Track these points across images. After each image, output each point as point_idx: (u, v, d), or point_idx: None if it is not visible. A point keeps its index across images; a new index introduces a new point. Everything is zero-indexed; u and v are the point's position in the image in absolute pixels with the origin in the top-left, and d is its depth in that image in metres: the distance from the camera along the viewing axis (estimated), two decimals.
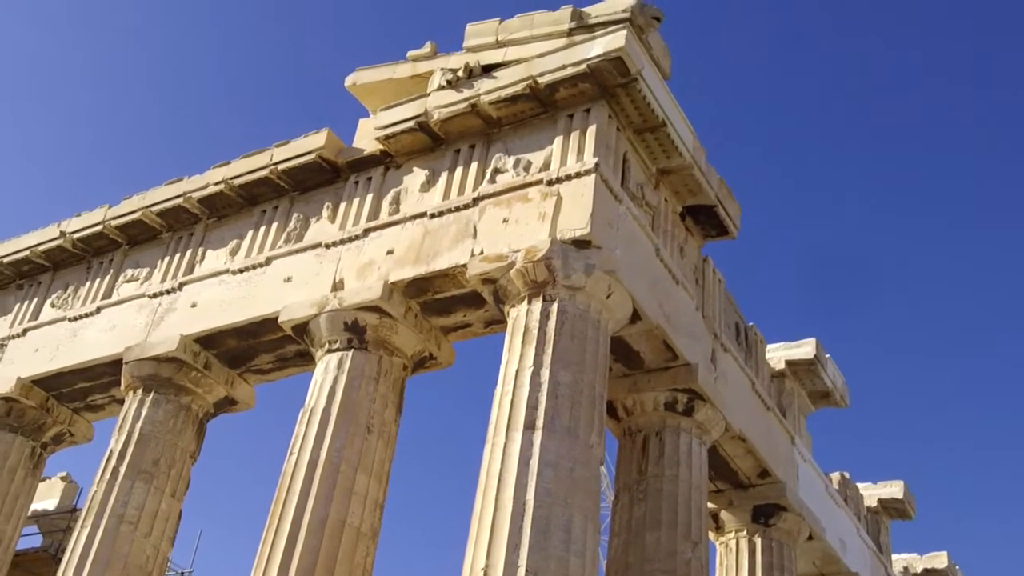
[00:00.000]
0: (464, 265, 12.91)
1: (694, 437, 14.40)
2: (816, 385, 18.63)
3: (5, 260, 18.02)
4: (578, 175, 12.75)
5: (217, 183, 15.83)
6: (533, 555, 10.44)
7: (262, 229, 15.58)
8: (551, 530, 10.65)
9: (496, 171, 13.60)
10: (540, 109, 13.62)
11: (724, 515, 16.96)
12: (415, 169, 14.47)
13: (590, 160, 12.75)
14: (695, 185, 14.48)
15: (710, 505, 16.00)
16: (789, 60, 63.27)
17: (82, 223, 17.24)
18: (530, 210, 12.86)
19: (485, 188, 13.45)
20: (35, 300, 17.77)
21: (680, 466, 14.05)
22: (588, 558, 10.80)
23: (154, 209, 16.46)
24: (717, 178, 14.87)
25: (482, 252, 12.84)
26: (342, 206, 14.84)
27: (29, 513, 17.81)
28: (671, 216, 14.60)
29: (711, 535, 16.84)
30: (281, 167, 15.25)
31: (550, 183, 12.89)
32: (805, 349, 18.23)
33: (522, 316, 12.23)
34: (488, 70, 13.86)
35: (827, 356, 18.71)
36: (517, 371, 11.74)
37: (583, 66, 12.91)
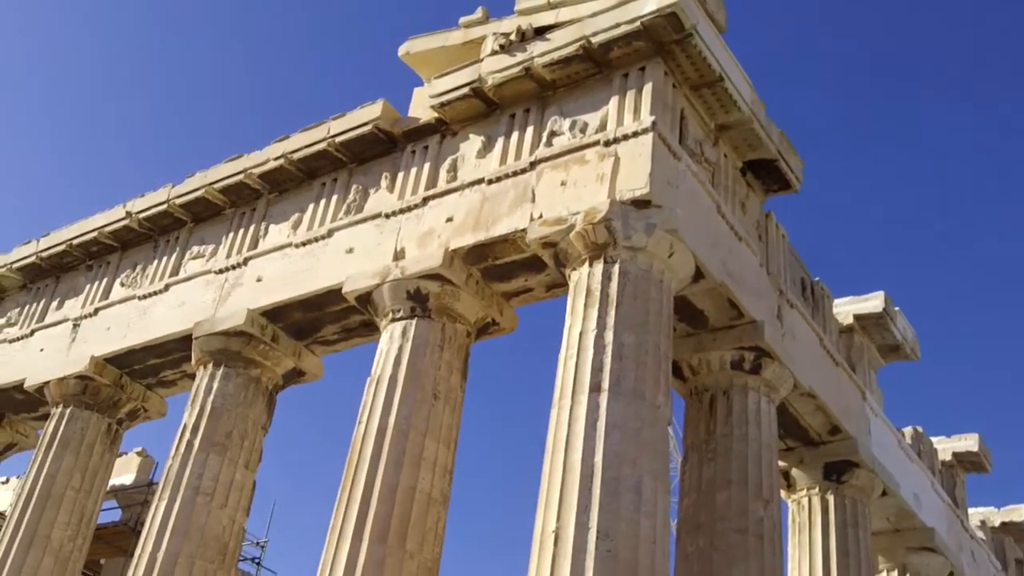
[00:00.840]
0: (523, 230, 12.89)
1: (762, 395, 14.28)
2: (886, 339, 18.36)
3: (74, 242, 18.36)
4: (635, 134, 12.64)
5: (277, 158, 15.95)
6: (603, 516, 10.46)
7: (322, 202, 15.70)
8: (621, 491, 10.65)
9: (552, 134, 13.53)
10: (594, 69, 13.50)
11: (795, 473, 16.83)
12: (471, 136, 14.45)
13: (647, 119, 12.62)
14: (755, 139, 14.27)
15: (780, 463, 15.91)
16: (850, 2, 61.97)
17: (147, 203, 17.50)
18: (588, 172, 12.78)
19: (542, 152, 13.39)
20: (105, 280, 18.10)
21: (749, 425, 13.95)
22: (659, 518, 10.79)
23: (216, 186, 16.65)
24: (777, 131, 14.64)
25: (541, 216, 12.81)
26: (400, 176, 14.89)
27: (108, 488, 18.23)
28: (731, 172, 14.43)
29: (782, 493, 16.74)
30: (339, 139, 15.32)
31: (607, 144, 12.80)
32: (873, 302, 17.97)
33: (584, 279, 12.19)
34: (540, 32, 13.76)
35: (896, 309, 18.43)
36: (580, 334, 11.72)
37: (637, 24, 12.75)
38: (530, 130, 13.75)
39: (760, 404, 14.20)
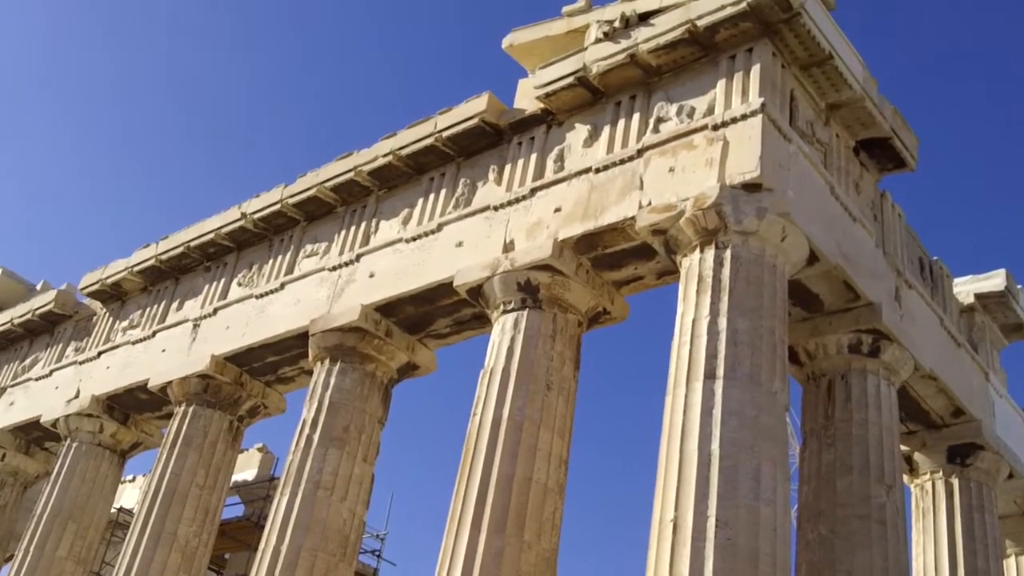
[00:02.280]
0: (632, 218, 12.83)
1: (882, 379, 13.95)
2: (1008, 318, 17.78)
3: (192, 244, 18.86)
4: (744, 117, 12.48)
5: (385, 155, 16.15)
6: (722, 504, 10.37)
7: (431, 196, 15.85)
8: (739, 479, 10.54)
9: (659, 120, 13.42)
10: (700, 53, 13.34)
11: (917, 457, 16.43)
12: (577, 125, 14.42)
13: (756, 101, 12.44)
14: (867, 118, 13.95)
15: (902, 447, 15.53)
16: None
17: (261, 203, 17.89)
18: (696, 157, 12.65)
19: (649, 138, 13.30)
20: (222, 280, 18.56)
21: (869, 409, 13.65)
22: (779, 505, 10.65)
23: (327, 184, 16.93)
24: (891, 108, 14.27)
25: (650, 203, 12.72)
26: (507, 168, 14.95)
27: (231, 484, 18.69)
28: (844, 152, 14.13)
29: (905, 478, 16.35)
30: (446, 134, 15.45)
31: (715, 128, 12.65)
32: (995, 281, 17.41)
33: (695, 265, 12.08)
34: (644, 18, 13.65)
35: (1019, 287, 17.83)
36: (694, 321, 11.62)
37: (743, 4, 12.56)
38: (636, 117, 13.66)
39: (880, 388, 13.89)
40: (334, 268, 16.50)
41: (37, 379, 21.24)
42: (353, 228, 16.78)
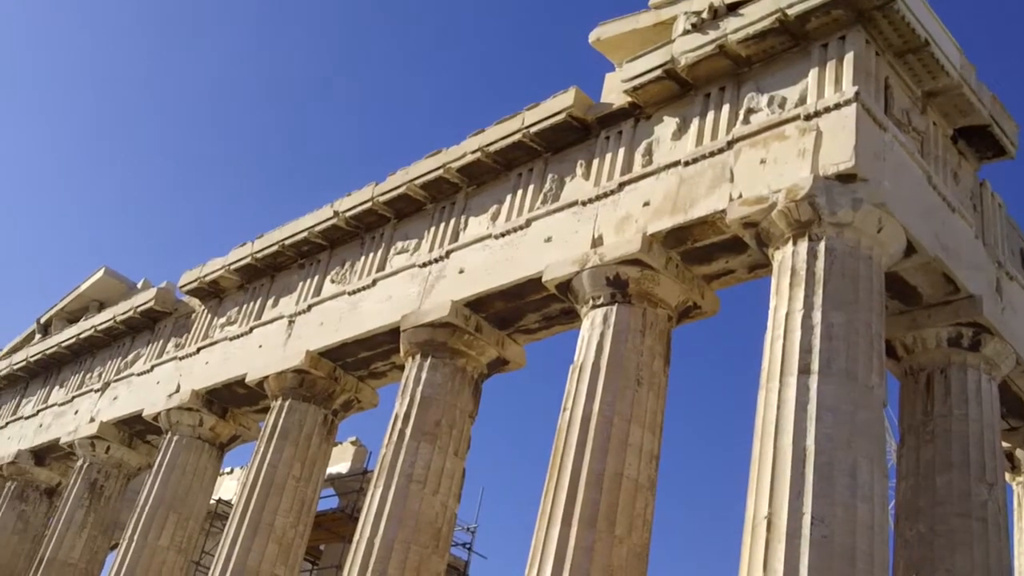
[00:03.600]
0: (723, 211, 12.69)
1: (982, 373, 13.60)
2: None
3: (287, 242, 19.19)
4: (837, 106, 12.24)
5: (473, 151, 16.23)
6: (818, 502, 10.21)
7: (519, 192, 15.88)
8: (835, 476, 10.37)
9: (749, 111, 13.24)
10: (791, 42, 13.13)
11: (1020, 454, 15.98)
12: (665, 118, 14.31)
13: (849, 90, 12.20)
14: (965, 105, 13.58)
15: (1004, 444, 15.10)
16: None
17: (353, 201, 18.12)
18: (788, 148, 12.46)
19: (739, 130, 13.13)
20: (316, 277, 18.86)
21: (969, 404, 13.32)
22: (876, 503, 10.45)
23: (417, 182, 17.08)
24: (989, 95, 13.87)
25: (741, 196, 12.57)
26: (595, 162, 14.90)
27: (325, 476, 18.99)
28: (941, 140, 13.77)
29: (1006, 476, 15.91)
30: (533, 130, 15.45)
31: (808, 118, 12.44)
32: None
33: (788, 258, 11.90)
34: (732, 8, 13.47)
35: None
36: (787, 315, 11.45)
37: None
38: (726, 108, 13.50)
39: (980, 382, 13.53)
40: (424, 264, 16.65)
41: (139, 374, 21.85)
42: (442, 225, 16.91)
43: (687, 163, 13.46)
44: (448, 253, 16.36)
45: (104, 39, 64.60)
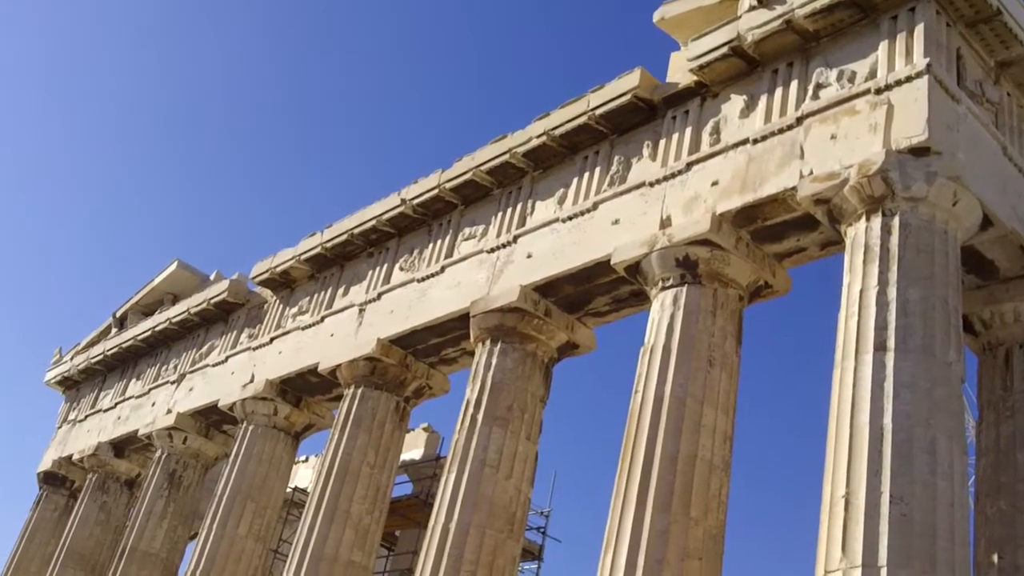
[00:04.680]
0: (793, 188, 12.55)
1: None
2: None
3: (355, 231, 19.35)
4: (909, 79, 12.04)
5: (539, 136, 16.22)
6: (896, 480, 10.09)
7: (585, 175, 15.84)
8: (913, 453, 10.23)
9: (818, 87, 13.06)
10: (859, 15, 12.91)
11: None
12: (732, 96, 14.17)
13: (920, 62, 11.98)
14: None
15: None
16: None
17: (420, 189, 18.21)
18: (859, 123, 12.27)
19: (808, 106, 12.96)
20: (385, 265, 19.00)
21: None
22: (956, 480, 10.29)
23: (483, 168, 17.11)
24: None
25: (811, 172, 12.43)
26: (662, 143, 14.81)
27: (399, 463, 19.15)
28: (1017, 111, 13.46)
29: None
30: (598, 112, 15.40)
31: (878, 91, 12.24)
32: None
33: (861, 234, 11.74)
34: None
35: None
36: (861, 291, 11.31)
37: None
38: (794, 84, 13.34)
39: None
40: (492, 250, 16.69)
41: (214, 365, 22.21)
42: (509, 210, 16.94)
43: (756, 141, 13.33)
44: (515, 238, 16.39)
45: (178, 32, 65.63)
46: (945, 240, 11.56)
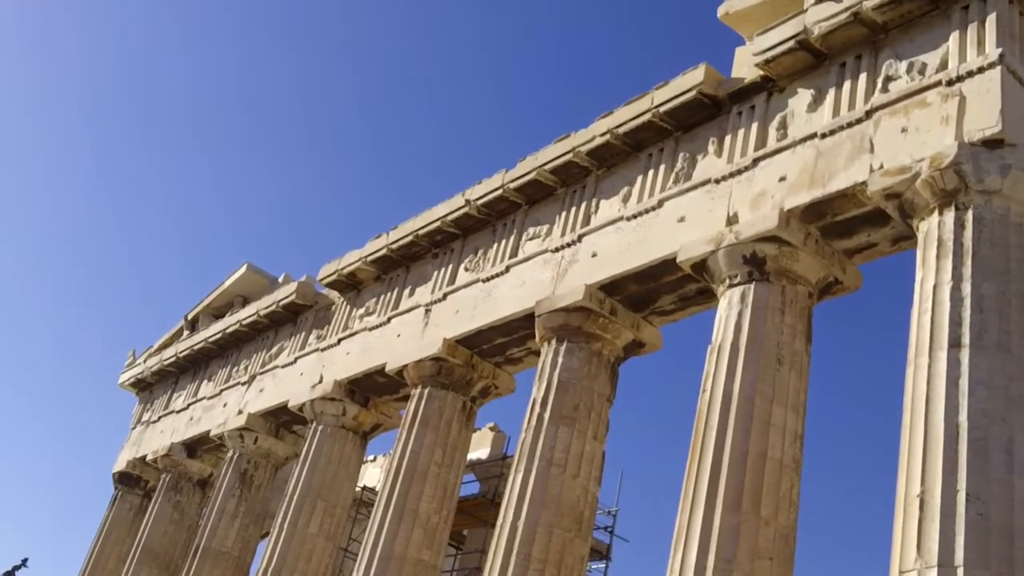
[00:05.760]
0: (863, 182, 12.35)
1: None
2: None
3: (420, 232, 19.45)
4: (981, 70, 11.79)
5: (602, 134, 16.17)
6: (972, 479, 9.88)
7: (650, 173, 15.76)
8: (990, 452, 10.01)
9: (888, 79, 12.85)
10: (929, 6, 12.67)
11: None
12: (799, 90, 14.00)
13: (993, 52, 11.72)
14: None
15: None
16: None
17: (484, 189, 18.25)
18: (930, 115, 12.05)
19: (878, 99, 12.76)
20: (450, 266, 19.07)
21: None
22: None
23: (547, 167, 17.10)
24: None
25: (881, 166, 12.22)
26: (727, 139, 14.68)
27: (466, 463, 19.21)
28: None
29: None
30: (663, 109, 15.31)
31: (950, 83, 12.01)
32: None
33: (934, 229, 11.52)
34: None
35: None
36: (935, 287, 11.09)
37: None
38: (863, 77, 13.13)
39: None
40: (557, 249, 16.67)
41: (283, 366, 22.47)
42: (573, 209, 16.90)
43: (824, 135, 13.15)
44: (580, 237, 16.35)
45: (251, 34, 66.57)
46: (1021, 234, 11.27)
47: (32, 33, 65.15)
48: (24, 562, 38.23)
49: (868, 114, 12.75)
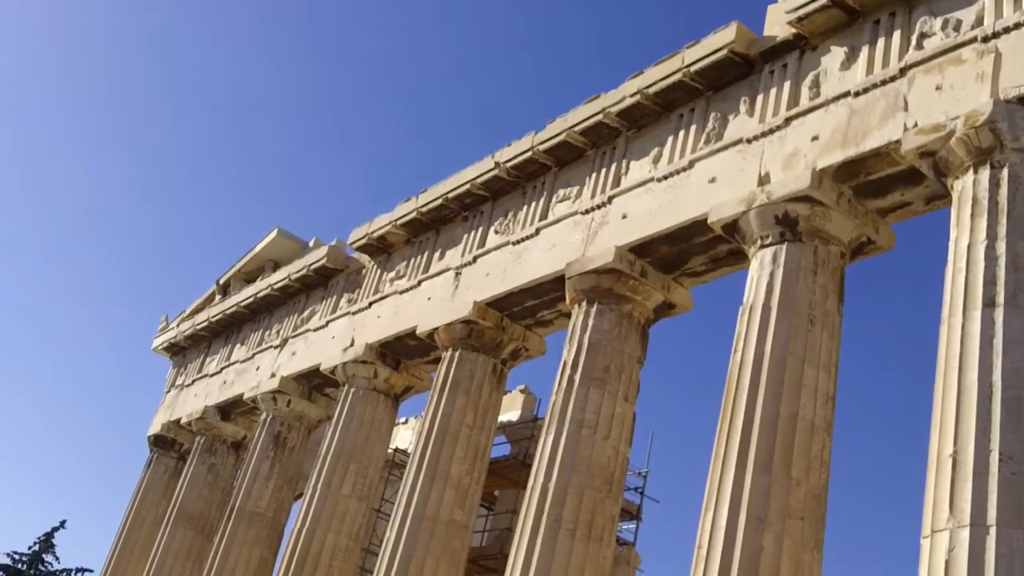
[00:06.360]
0: (897, 141, 12.23)
1: None
2: None
3: (450, 195, 19.45)
4: (1017, 26, 11.62)
5: (633, 95, 16.06)
6: (1006, 438, 9.83)
7: (681, 133, 15.66)
8: (1023, 411, 9.95)
9: (922, 36, 12.68)
10: None
11: None
12: (832, 48, 13.83)
13: None
14: None
15: None
16: None
17: (513, 151, 18.20)
18: (965, 72, 11.89)
19: (912, 56, 12.60)
20: (480, 228, 19.07)
21: None
22: None
23: (576, 129, 17.02)
24: None
25: (916, 124, 12.09)
26: (759, 98, 14.55)
27: (497, 425, 19.28)
28: None
29: None
30: (693, 68, 15.17)
31: (985, 40, 11.84)
32: None
33: (968, 187, 11.40)
34: None
35: None
36: (969, 246, 10.99)
37: None
38: (897, 35, 12.96)
39: None
40: (587, 211, 16.62)
41: (315, 330, 22.61)
42: (603, 170, 16.84)
43: (857, 93, 13.01)
44: (610, 199, 16.29)
45: (280, 2, 66.51)
46: None
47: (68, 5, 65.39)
48: (62, 524, 39.07)
49: (902, 72, 12.59)
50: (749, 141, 14.27)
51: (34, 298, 70.46)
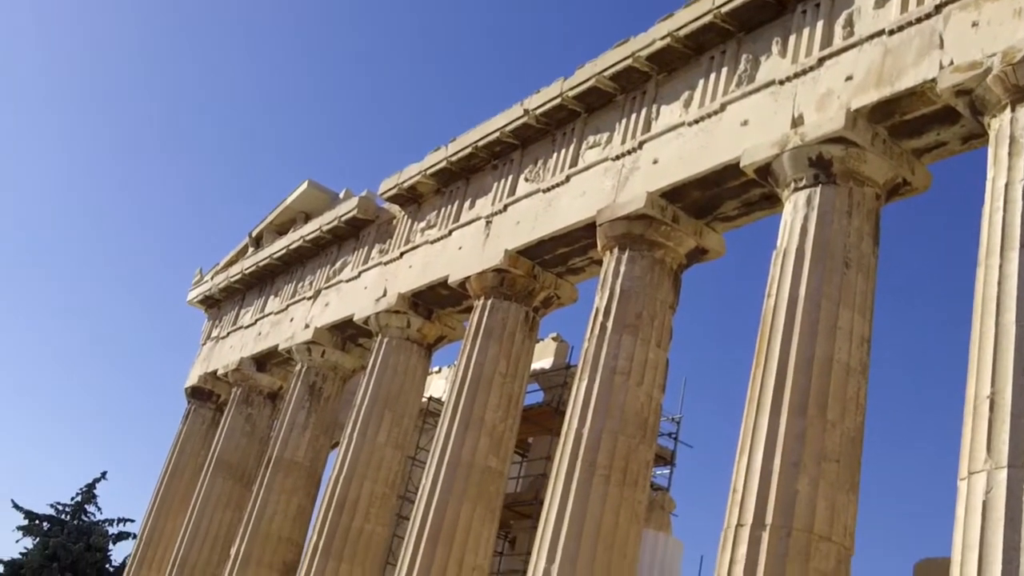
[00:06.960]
0: (933, 80, 12.02)
1: None
2: None
3: (479, 144, 19.36)
4: None
5: (663, 38, 15.86)
6: None
7: (712, 76, 15.46)
8: None
9: None
10: None
11: None
12: None
13: None
14: None
15: None
16: None
17: (542, 98, 18.05)
18: (1003, 8, 11.64)
19: None
20: (510, 177, 18.99)
21: None
22: None
23: (606, 74, 16.85)
24: None
25: (951, 63, 11.87)
26: (791, 39, 14.32)
27: (530, 372, 19.35)
28: None
29: None
30: (724, 9, 14.94)
31: None
32: None
33: (1006, 126, 11.20)
34: None
35: None
36: (1007, 185, 10.82)
37: None
38: None
39: None
40: (617, 157, 16.51)
41: (347, 281, 22.69)
42: (634, 116, 16.68)
43: (892, 32, 12.77)
44: (641, 144, 16.16)
45: None
46: None
47: None
48: (103, 475, 39.78)
49: (938, 8, 12.35)
50: (782, 83, 14.08)
51: (73, 256, 71.20)
